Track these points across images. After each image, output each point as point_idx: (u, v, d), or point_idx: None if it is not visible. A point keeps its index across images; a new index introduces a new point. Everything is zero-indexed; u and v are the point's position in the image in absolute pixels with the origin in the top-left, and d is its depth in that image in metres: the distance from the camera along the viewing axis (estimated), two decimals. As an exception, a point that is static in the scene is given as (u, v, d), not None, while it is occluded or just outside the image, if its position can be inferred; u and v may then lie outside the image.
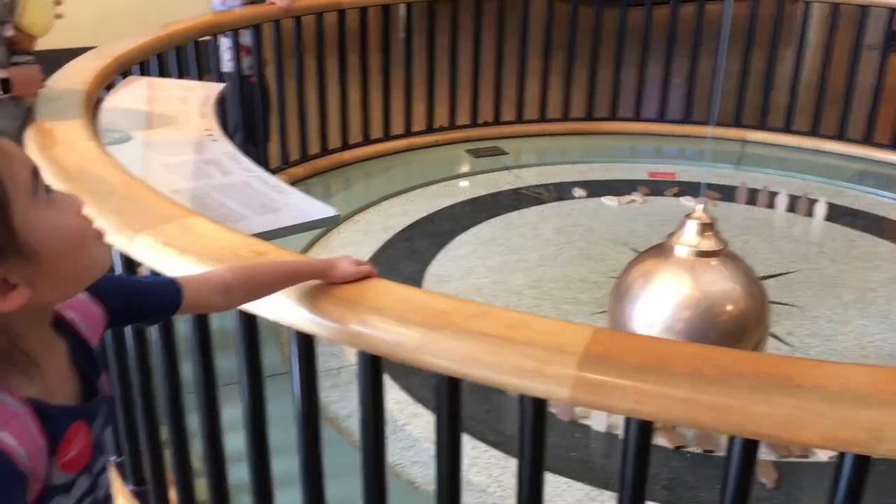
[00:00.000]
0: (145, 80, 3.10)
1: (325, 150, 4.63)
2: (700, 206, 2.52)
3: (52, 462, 0.87)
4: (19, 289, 0.82)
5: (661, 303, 2.43)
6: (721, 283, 2.42)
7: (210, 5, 4.00)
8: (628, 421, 1.20)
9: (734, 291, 2.41)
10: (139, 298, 1.13)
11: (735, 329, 2.40)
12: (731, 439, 1.17)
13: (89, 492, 0.96)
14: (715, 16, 5.00)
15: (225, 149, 2.28)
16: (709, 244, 2.46)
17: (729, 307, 2.40)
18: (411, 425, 2.56)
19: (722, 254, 2.48)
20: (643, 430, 1.19)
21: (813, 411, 1.08)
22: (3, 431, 0.81)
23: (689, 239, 2.47)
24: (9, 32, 2.36)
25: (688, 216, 2.53)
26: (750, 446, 1.16)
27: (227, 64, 4.02)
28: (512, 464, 2.37)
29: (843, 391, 1.09)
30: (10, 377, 0.85)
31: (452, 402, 1.30)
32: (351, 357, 2.90)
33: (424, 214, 4.12)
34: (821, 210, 4.09)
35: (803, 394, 1.09)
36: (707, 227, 2.48)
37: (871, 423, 1.06)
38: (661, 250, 2.55)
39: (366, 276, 1.34)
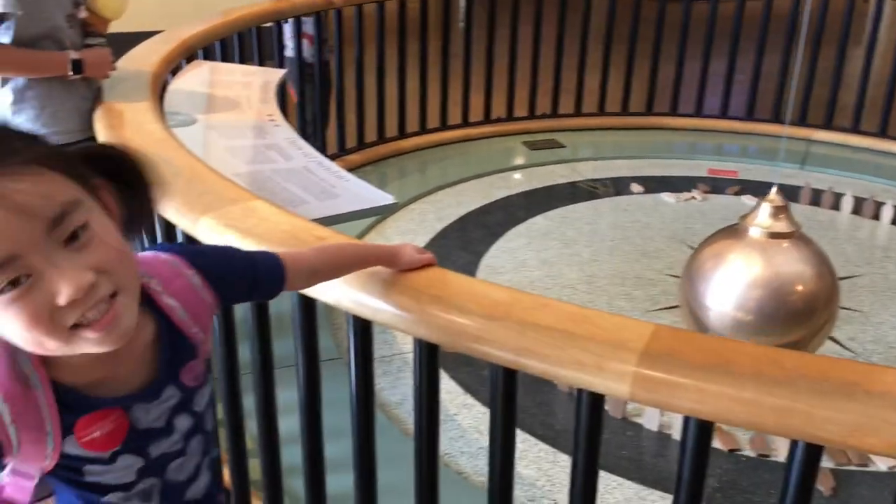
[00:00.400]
0: (209, 65, 3.14)
1: (382, 138, 4.65)
2: (774, 190, 2.56)
3: (69, 440, 0.88)
4: None
5: (733, 281, 2.47)
6: (792, 265, 2.47)
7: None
8: (687, 420, 1.17)
9: (805, 272, 2.45)
10: (251, 280, 1.10)
11: (804, 308, 2.43)
12: (794, 444, 1.14)
13: (150, 472, 0.96)
14: (783, 11, 4.89)
15: (286, 134, 2.30)
16: (782, 226, 2.50)
17: (799, 287, 2.44)
18: (461, 415, 2.56)
19: (794, 236, 2.52)
20: (703, 430, 1.17)
21: (881, 418, 1.04)
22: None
23: (762, 221, 2.51)
24: (83, 14, 2.41)
25: (762, 199, 2.57)
26: (813, 452, 1.13)
27: (290, 51, 4.09)
28: (562, 458, 2.36)
29: (914, 399, 1.06)
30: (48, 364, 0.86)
31: (508, 393, 1.30)
32: (403, 345, 2.91)
33: (479, 205, 4.11)
34: (888, 213, 3.97)
35: (871, 400, 1.05)
36: (780, 210, 2.51)
37: (943, 433, 1.02)
38: (734, 231, 2.59)
39: (427, 265, 1.34)
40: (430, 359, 1.36)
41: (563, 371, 1.17)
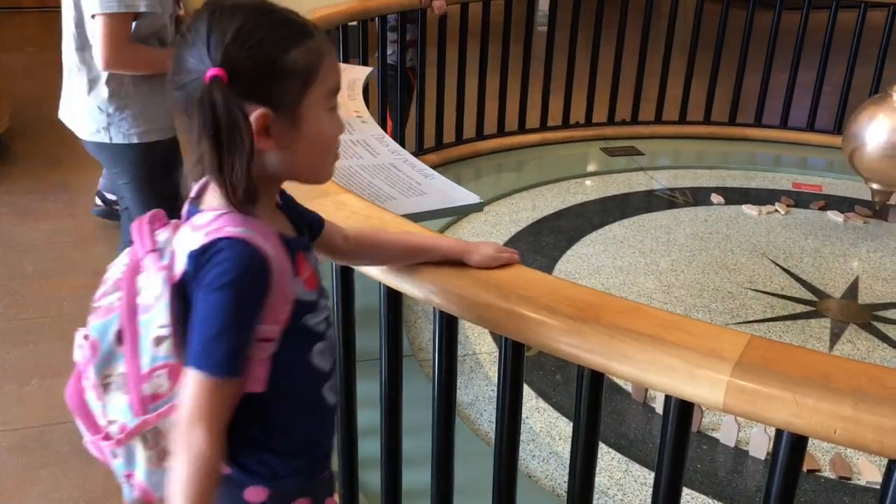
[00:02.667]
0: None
1: (459, 139, 4.67)
2: None
3: (297, 281, 1.07)
4: (270, 140, 1.02)
5: (880, 129, 3.71)
6: None
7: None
8: (780, 434, 1.15)
9: None
10: (298, 213, 1.20)
11: None
12: (892, 464, 1.10)
13: (329, 325, 1.15)
14: (876, 23, 4.74)
15: (373, 131, 2.32)
16: None
17: None
18: (532, 419, 2.55)
19: None
20: (797, 445, 1.14)
21: None
22: (266, 243, 1.02)
23: None
24: (180, 11, 2.47)
25: None
26: (913, 474, 1.09)
27: (390, 56, 4.17)
28: (634, 468, 2.33)
29: None
30: (262, 216, 1.05)
31: (594, 396, 1.29)
32: (476, 345, 2.92)
33: (554, 210, 4.09)
34: None
35: (981, 424, 1.02)
36: None
37: None
38: (880, 98, 3.82)
39: (507, 263, 1.35)
40: (515, 358, 1.35)
41: (654, 377, 1.16)
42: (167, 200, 1.19)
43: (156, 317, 1.02)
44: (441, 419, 1.50)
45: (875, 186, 3.79)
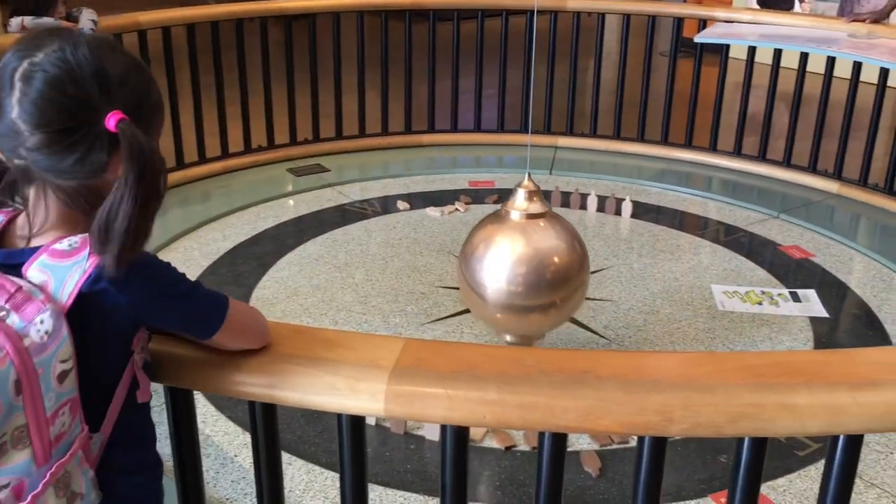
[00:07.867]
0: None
1: (136, 177, 4.42)
2: (527, 177, 2.83)
3: None
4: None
5: (501, 261, 2.73)
6: (548, 241, 2.77)
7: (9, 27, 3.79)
8: (444, 428, 1.22)
9: (559, 246, 2.77)
10: None
11: (561, 277, 2.75)
12: (541, 435, 1.22)
13: None
14: (520, 28, 5.23)
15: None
16: (536, 207, 2.79)
17: (556, 259, 2.75)
18: (241, 456, 2.49)
19: (547, 215, 2.82)
20: (458, 436, 1.21)
21: (612, 400, 1.14)
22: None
23: (520, 204, 2.79)
24: None
25: (518, 185, 2.83)
26: (558, 440, 1.21)
27: None
28: (347, 482, 2.36)
29: (637, 379, 1.17)
30: None
31: (269, 428, 1.28)
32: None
33: (246, 237, 4.03)
34: (627, 208, 4.35)
35: (602, 385, 1.15)
36: (534, 194, 2.81)
37: (662, 406, 1.13)
38: (497, 216, 2.86)
39: None
40: (184, 403, 1.30)
41: (318, 398, 1.18)
42: None
43: (55, 353, 0.98)
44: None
45: (509, 339, 2.86)
